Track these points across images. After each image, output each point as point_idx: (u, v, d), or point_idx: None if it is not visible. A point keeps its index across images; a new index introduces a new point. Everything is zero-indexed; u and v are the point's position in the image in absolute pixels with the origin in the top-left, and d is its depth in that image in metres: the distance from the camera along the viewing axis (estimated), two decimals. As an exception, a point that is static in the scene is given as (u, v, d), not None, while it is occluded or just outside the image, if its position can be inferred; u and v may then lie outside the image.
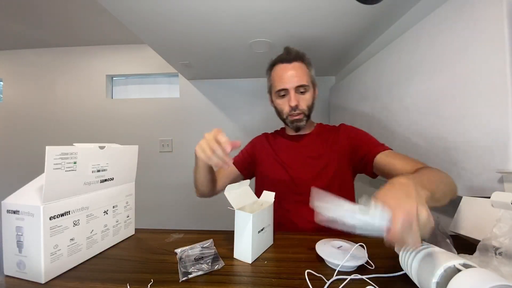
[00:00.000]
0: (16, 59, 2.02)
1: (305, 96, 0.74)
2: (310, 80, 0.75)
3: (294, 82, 0.71)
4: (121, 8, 0.89)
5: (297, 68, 0.73)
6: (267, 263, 0.47)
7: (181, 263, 0.45)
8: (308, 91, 0.74)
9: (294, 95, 0.72)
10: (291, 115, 0.75)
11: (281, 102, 0.76)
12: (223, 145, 0.51)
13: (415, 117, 0.82)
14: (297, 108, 0.73)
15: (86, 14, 1.52)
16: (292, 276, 0.41)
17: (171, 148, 1.95)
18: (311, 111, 0.77)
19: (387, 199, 0.32)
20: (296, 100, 0.72)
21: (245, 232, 0.47)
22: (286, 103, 0.74)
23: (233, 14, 0.96)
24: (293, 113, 0.74)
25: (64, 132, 1.98)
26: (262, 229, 0.50)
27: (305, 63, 0.75)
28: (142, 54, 1.94)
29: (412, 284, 0.37)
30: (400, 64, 0.90)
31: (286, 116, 0.76)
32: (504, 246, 0.35)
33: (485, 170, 0.56)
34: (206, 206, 1.82)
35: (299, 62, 0.74)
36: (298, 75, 0.72)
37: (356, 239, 0.49)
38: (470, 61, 0.60)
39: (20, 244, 0.41)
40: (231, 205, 0.49)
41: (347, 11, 0.94)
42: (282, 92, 0.74)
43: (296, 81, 0.71)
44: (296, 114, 0.74)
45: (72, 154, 0.43)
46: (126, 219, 0.60)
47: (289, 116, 0.75)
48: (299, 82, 0.72)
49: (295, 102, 0.72)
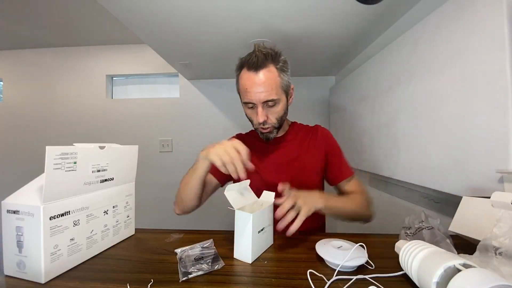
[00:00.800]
0: (16, 59, 2.02)
1: (274, 109, 0.67)
2: (281, 90, 0.66)
3: (261, 97, 0.64)
4: (121, 8, 0.89)
5: (265, 80, 0.63)
6: (267, 263, 0.47)
7: (181, 263, 0.45)
8: (279, 103, 0.67)
9: (262, 111, 0.66)
10: (261, 127, 0.70)
11: (250, 112, 0.71)
12: (242, 154, 0.51)
13: (415, 117, 0.82)
14: (266, 123, 0.68)
15: (86, 14, 1.52)
16: (292, 276, 0.41)
17: (171, 148, 1.95)
18: (283, 121, 0.73)
19: (298, 194, 0.56)
20: (265, 115, 0.67)
21: (245, 232, 0.47)
22: (255, 115, 0.68)
23: (233, 14, 0.96)
24: (262, 127, 0.70)
25: (64, 132, 1.98)
26: (262, 229, 0.50)
27: (277, 67, 0.65)
28: (142, 54, 1.94)
29: (412, 284, 0.37)
30: (400, 64, 0.90)
31: (256, 127, 0.73)
32: (504, 246, 0.35)
33: (485, 170, 0.56)
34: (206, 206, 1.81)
35: (268, 68, 0.64)
36: (266, 88, 0.63)
37: (356, 239, 0.49)
38: (470, 61, 0.60)
39: (20, 244, 0.41)
40: (231, 205, 0.49)
41: (347, 11, 0.94)
42: (250, 105, 0.68)
43: (264, 96, 0.64)
44: (265, 128, 0.70)
45: (72, 154, 0.43)
46: (126, 219, 0.60)
47: (259, 128, 0.71)
48: (267, 97, 0.64)
49: (264, 118, 0.67)
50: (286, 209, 0.51)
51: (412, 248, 0.38)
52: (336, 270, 0.41)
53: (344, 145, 1.51)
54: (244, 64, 0.67)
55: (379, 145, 1.07)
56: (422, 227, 0.48)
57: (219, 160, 0.53)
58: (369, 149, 1.18)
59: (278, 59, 0.66)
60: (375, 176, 1.26)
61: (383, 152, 1.04)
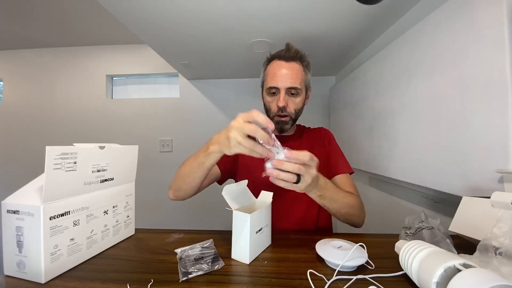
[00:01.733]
0: (16, 59, 2.02)
1: (295, 99, 0.72)
2: (303, 84, 0.72)
3: (287, 83, 0.68)
4: (121, 8, 0.89)
5: (293, 69, 0.69)
6: (267, 263, 0.47)
7: (181, 263, 0.45)
8: (300, 94, 0.71)
9: (284, 96, 0.69)
10: (278, 115, 0.72)
11: (270, 99, 0.73)
12: (264, 124, 0.42)
13: (415, 117, 0.82)
14: (285, 110, 0.71)
15: (86, 14, 1.52)
16: (292, 276, 0.41)
17: (171, 148, 1.95)
18: (298, 116, 0.75)
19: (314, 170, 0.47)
20: (285, 101, 0.70)
21: (243, 233, 0.47)
22: (275, 102, 0.71)
23: (233, 14, 0.96)
24: (280, 114, 0.72)
25: (64, 132, 1.98)
26: (260, 229, 0.50)
27: (303, 64, 0.72)
28: (142, 54, 1.94)
29: (412, 284, 0.37)
30: (400, 64, 0.90)
31: (273, 115, 0.74)
32: (504, 246, 0.35)
33: (485, 170, 0.56)
34: (206, 206, 1.82)
35: (297, 62, 0.70)
36: (292, 76, 0.69)
37: (356, 239, 0.49)
38: (470, 61, 0.60)
39: (20, 244, 0.41)
40: (228, 206, 0.49)
41: (347, 11, 0.94)
42: (273, 90, 0.71)
43: (289, 82, 0.68)
44: (282, 116, 0.72)
45: (72, 154, 0.43)
46: (126, 219, 0.60)
47: (275, 116, 0.73)
48: (292, 84, 0.68)
49: (283, 103, 0.69)
50: (291, 168, 0.43)
51: (412, 248, 0.38)
52: (336, 270, 0.41)
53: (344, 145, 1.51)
54: (275, 56, 0.73)
55: (379, 145, 1.07)
56: (422, 227, 0.48)
57: (244, 149, 0.44)
58: (369, 149, 1.18)
59: (305, 59, 0.73)
60: (375, 176, 1.26)
61: (383, 152, 1.04)
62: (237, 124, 0.44)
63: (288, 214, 0.73)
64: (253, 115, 0.43)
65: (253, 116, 0.43)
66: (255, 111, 0.43)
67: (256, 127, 0.42)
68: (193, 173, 0.61)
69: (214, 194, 0.81)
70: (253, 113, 0.43)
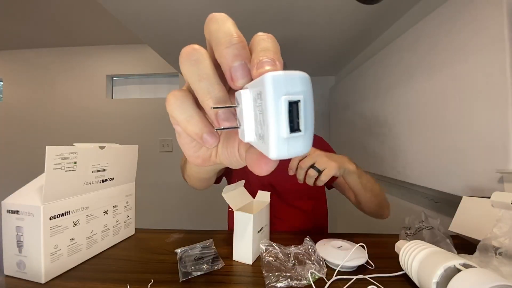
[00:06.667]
0: (16, 59, 2.02)
1: None
2: None
3: None
4: (121, 8, 0.89)
5: None
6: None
7: (181, 263, 0.45)
8: None
9: None
10: None
11: None
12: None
13: (415, 117, 0.82)
14: None
15: (86, 14, 1.52)
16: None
17: (171, 148, 1.95)
18: None
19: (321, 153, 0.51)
20: None
21: (246, 233, 0.47)
22: None
23: (232, 14, 0.95)
24: None
25: (64, 132, 1.98)
26: (260, 229, 0.50)
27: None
28: (142, 54, 1.94)
29: (412, 284, 0.37)
30: (400, 64, 0.90)
31: None
32: (504, 246, 0.35)
33: (485, 170, 0.56)
34: (206, 206, 1.82)
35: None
36: None
37: (356, 239, 0.49)
38: (470, 61, 0.60)
39: (20, 244, 0.41)
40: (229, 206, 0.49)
41: (347, 11, 0.94)
42: None
43: None
44: None
45: (72, 154, 0.43)
46: (126, 219, 0.60)
47: None
48: None
49: None
50: (300, 165, 0.49)
51: (412, 248, 0.38)
52: (336, 270, 0.41)
53: (343, 145, 1.51)
54: None
55: (379, 145, 1.07)
56: (422, 227, 0.48)
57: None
58: (369, 149, 1.18)
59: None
60: (374, 176, 1.26)
61: (383, 152, 1.04)
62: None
63: (284, 214, 0.73)
64: None
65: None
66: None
67: None
68: (200, 179, 0.58)
69: (214, 194, 0.81)
70: None
